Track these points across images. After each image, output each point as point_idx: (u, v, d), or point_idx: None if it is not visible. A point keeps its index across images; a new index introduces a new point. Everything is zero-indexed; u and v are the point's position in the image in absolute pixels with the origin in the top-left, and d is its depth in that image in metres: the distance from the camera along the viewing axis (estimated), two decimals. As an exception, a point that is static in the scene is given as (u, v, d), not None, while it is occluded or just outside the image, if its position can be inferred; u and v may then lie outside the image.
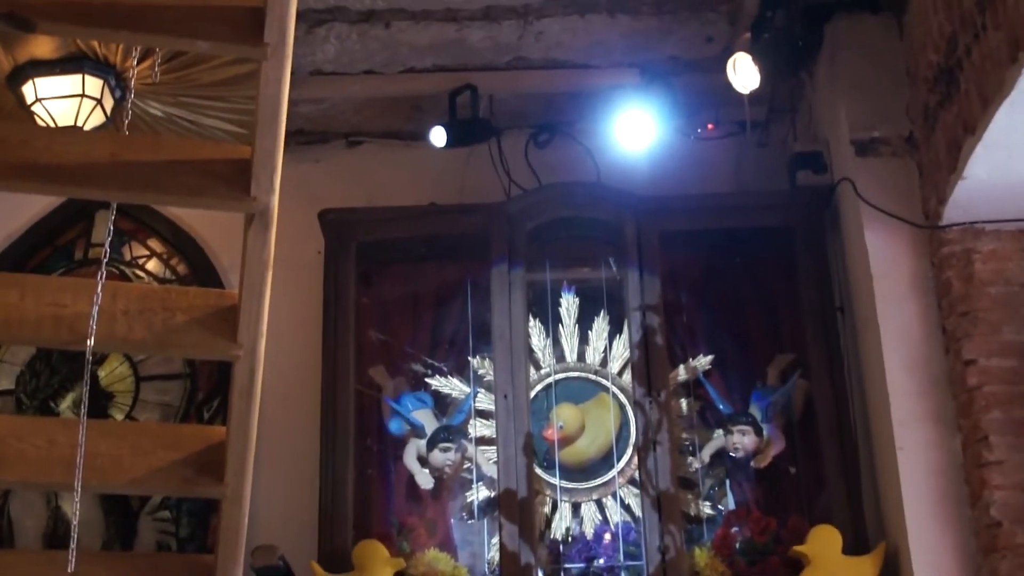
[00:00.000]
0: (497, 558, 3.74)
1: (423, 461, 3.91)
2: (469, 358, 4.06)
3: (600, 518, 3.91)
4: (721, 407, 3.97)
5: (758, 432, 3.88)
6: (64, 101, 3.78)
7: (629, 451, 3.96)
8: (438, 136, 4.20)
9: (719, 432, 3.95)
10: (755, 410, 3.94)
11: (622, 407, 4.01)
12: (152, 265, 4.45)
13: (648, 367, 3.86)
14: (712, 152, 4.32)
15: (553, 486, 3.91)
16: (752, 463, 3.91)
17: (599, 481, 3.94)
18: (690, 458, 3.95)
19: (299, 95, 3.93)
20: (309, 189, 4.24)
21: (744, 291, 4.16)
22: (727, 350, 4.09)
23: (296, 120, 4.29)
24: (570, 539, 3.83)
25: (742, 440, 3.87)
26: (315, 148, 4.50)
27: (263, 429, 2.34)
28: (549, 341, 4.10)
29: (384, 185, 4.40)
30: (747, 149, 4.30)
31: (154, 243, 4.46)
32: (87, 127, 3.83)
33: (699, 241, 4.13)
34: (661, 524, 3.68)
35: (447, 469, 3.87)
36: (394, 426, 3.98)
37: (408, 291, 4.20)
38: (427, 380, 4.05)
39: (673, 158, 4.23)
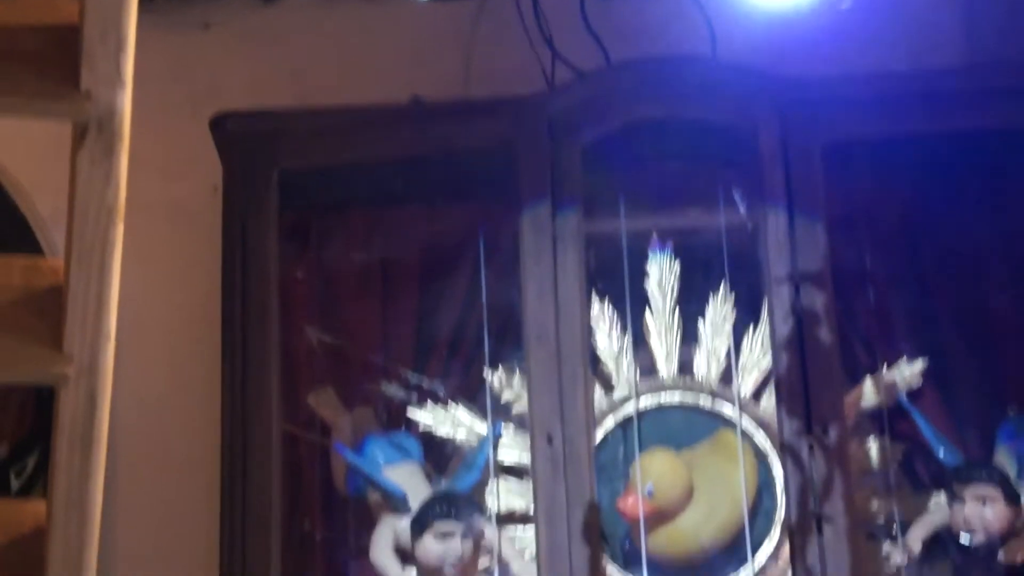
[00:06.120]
0: None
1: (406, 556, 3.88)
2: (485, 373, 4.01)
3: (726, 657, 3.87)
4: (942, 453, 3.89)
5: (1011, 498, 3.79)
6: None
7: (774, 535, 3.91)
8: (423, -23, 4.19)
9: (939, 498, 3.89)
10: (1005, 458, 3.87)
11: (759, 455, 3.97)
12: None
13: (806, 384, 3.79)
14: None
15: (639, 598, 3.88)
16: (1001, 554, 3.81)
17: (721, 589, 3.94)
18: (887, 546, 3.89)
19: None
20: (194, 78, 4.36)
21: (984, 246, 4.08)
22: (951, 352, 4.03)
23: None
24: None
25: (982, 513, 3.78)
26: (203, 4, 4.49)
27: (119, 505, 2.41)
28: (627, 340, 4.02)
29: (326, 68, 4.43)
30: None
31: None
32: None
33: (896, 157, 4.01)
34: (837, 669, 3.64)
35: (449, 570, 3.83)
36: (353, 494, 3.99)
37: (374, 257, 4.19)
38: (410, 413, 4.04)
39: (847, 12, 4.16)
